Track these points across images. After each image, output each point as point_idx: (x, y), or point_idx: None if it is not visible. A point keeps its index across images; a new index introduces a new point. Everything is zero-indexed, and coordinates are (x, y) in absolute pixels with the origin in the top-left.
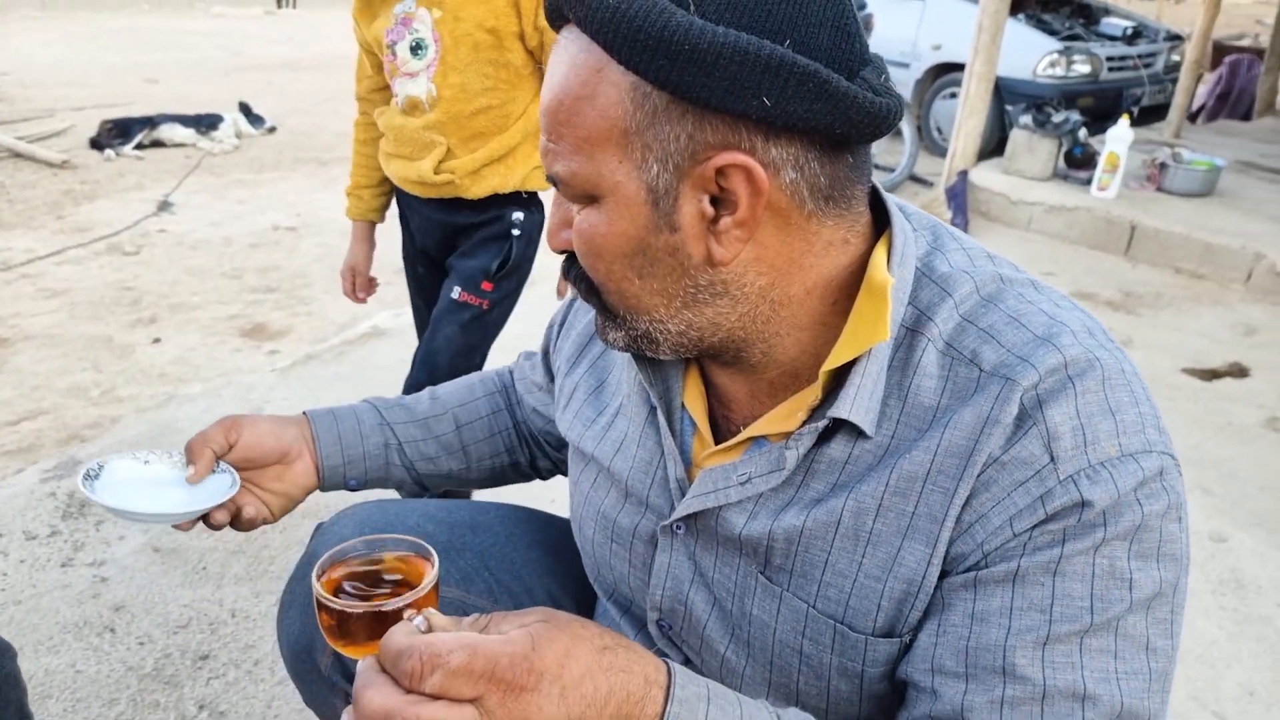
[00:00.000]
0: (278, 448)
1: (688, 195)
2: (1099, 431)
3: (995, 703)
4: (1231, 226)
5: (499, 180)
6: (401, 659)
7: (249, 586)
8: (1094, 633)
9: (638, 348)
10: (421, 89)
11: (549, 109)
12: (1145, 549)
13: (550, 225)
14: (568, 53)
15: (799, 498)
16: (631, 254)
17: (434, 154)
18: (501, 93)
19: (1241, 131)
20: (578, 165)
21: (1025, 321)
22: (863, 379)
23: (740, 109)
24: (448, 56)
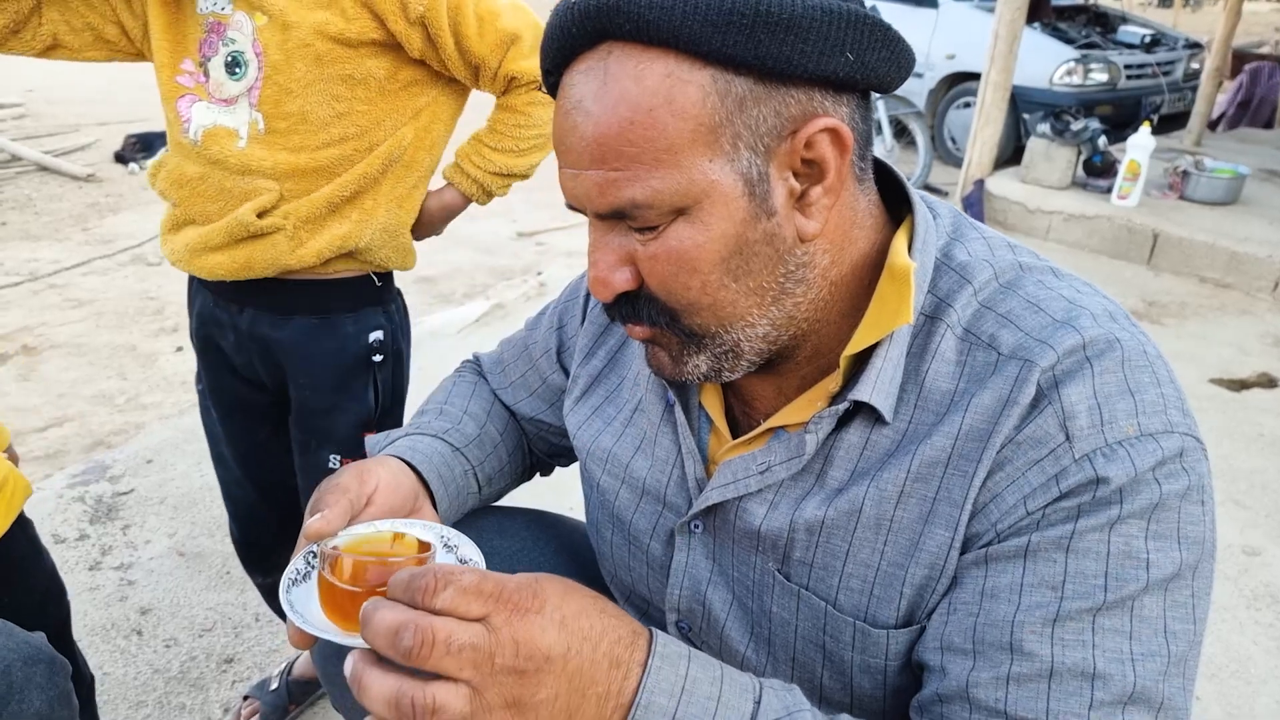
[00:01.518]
0: (411, 495)
1: (776, 176)
2: (1117, 411)
3: (1001, 679)
4: (1257, 235)
5: (346, 231)
6: (416, 578)
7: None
8: (1107, 611)
9: (719, 370)
10: (241, 119)
11: (609, 137)
12: (1163, 529)
13: (600, 273)
14: (613, 74)
15: (819, 486)
16: (729, 256)
17: (261, 200)
18: (360, 117)
19: (1264, 139)
20: (660, 181)
21: (1044, 306)
22: (884, 363)
23: (828, 70)
24: (277, 76)
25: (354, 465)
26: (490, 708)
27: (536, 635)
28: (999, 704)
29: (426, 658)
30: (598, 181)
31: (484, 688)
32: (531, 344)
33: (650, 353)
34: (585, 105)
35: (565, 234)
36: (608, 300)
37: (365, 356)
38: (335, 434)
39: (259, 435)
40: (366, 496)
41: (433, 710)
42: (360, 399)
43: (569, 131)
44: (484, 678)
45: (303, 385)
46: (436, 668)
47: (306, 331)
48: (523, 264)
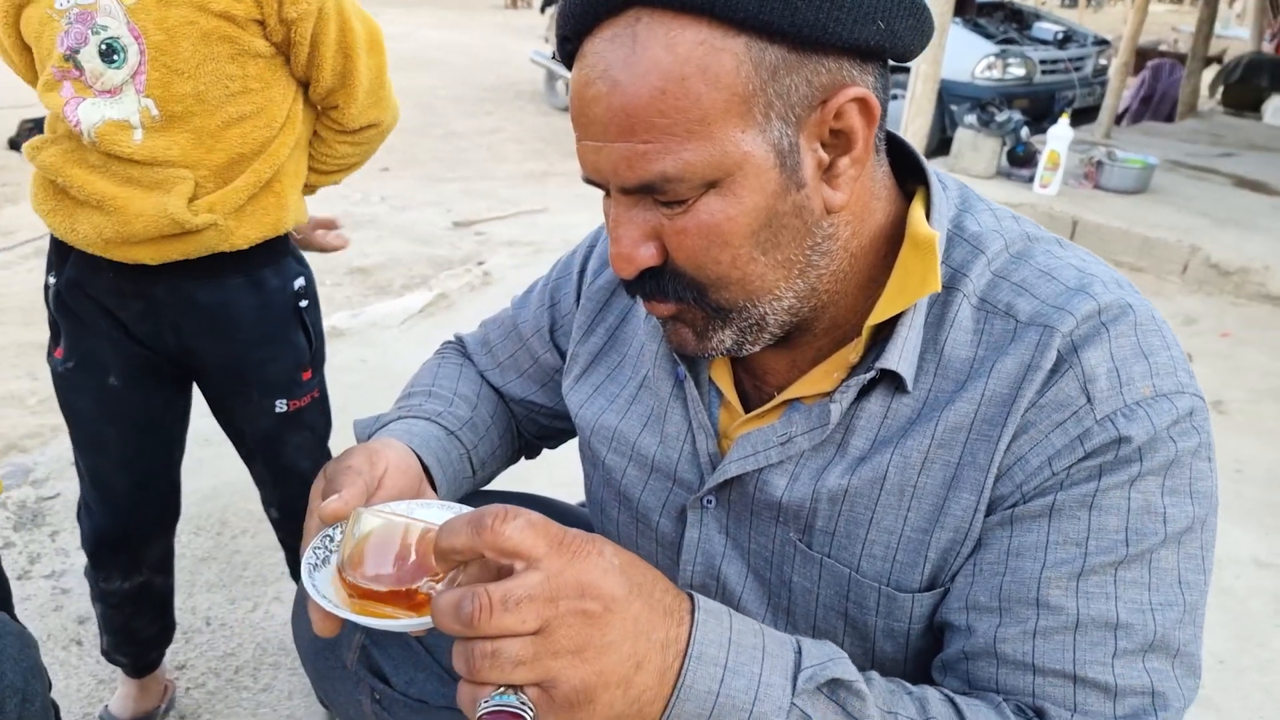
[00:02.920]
0: (416, 479)
1: (805, 146)
2: (1133, 373)
3: (1028, 633)
4: (1167, 221)
5: (274, 218)
6: (485, 513)
7: (223, 593)
8: (1128, 564)
9: (743, 344)
10: (129, 109)
11: (639, 108)
12: (1178, 484)
13: (624, 249)
14: (643, 41)
15: (840, 456)
16: (760, 228)
17: (180, 189)
18: (257, 95)
19: (1166, 132)
20: (693, 153)
21: (1057, 275)
22: (909, 331)
23: (859, 38)
24: (163, 58)
25: (362, 447)
26: (555, 653)
27: (599, 577)
28: (1027, 657)
29: (488, 620)
30: (625, 154)
31: (551, 631)
32: (521, 323)
33: (672, 329)
34: (612, 74)
35: (504, 224)
36: (630, 277)
37: (293, 304)
38: (276, 381)
39: (153, 406)
40: (378, 479)
41: (490, 654)
42: (294, 344)
43: (592, 101)
44: (550, 624)
45: (237, 342)
46: (500, 628)
47: (235, 291)
48: (462, 254)
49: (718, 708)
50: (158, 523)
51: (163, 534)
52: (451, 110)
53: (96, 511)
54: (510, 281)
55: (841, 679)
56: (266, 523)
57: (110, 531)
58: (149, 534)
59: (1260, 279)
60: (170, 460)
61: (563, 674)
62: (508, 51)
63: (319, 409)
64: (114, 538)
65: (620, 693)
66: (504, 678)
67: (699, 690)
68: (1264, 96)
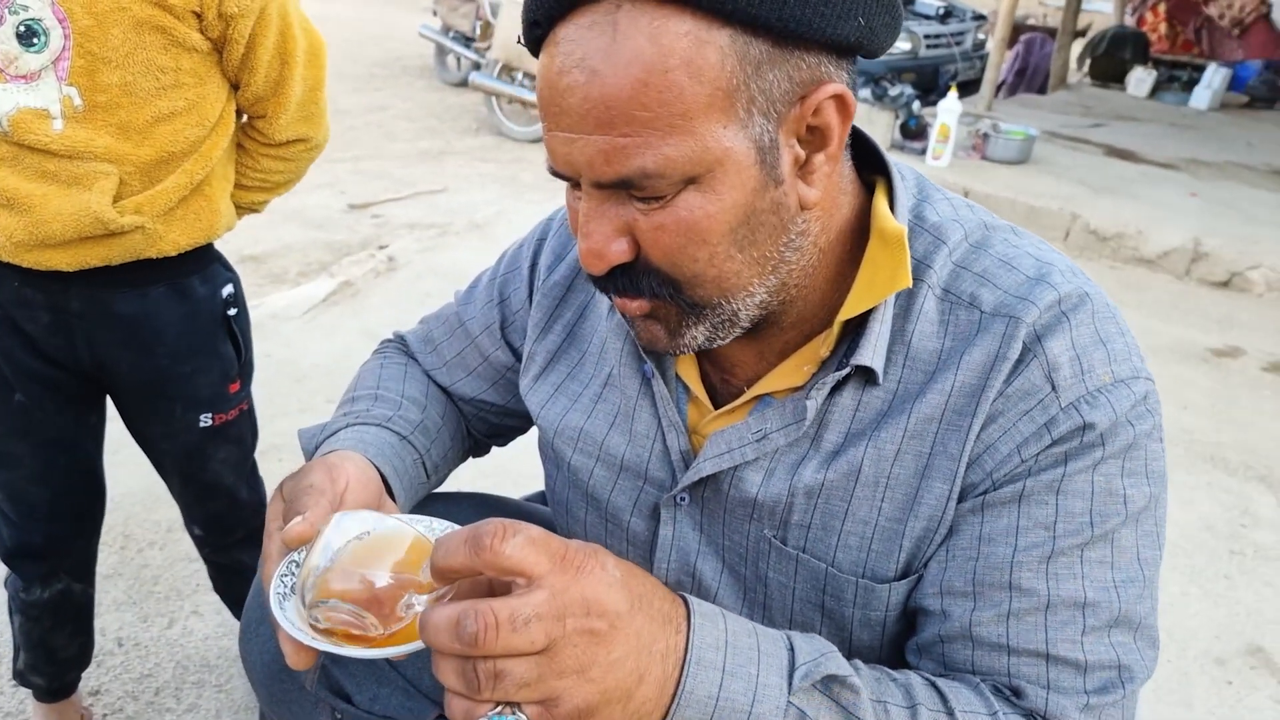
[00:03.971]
0: (377, 492)
1: (784, 142)
2: (1094, 360)
3: (1002, 616)
4: (1049, 190)
5: (206, 223)
6: (482, 526)
7: (133, 611)
8: (1093, 545)
9: (714, 339)
10: (49, 97)
11: (620, 100)
12: (1135, 467)
13: (595, 244)
14: (624, 30)
15: (814, 451)
16: (738, 225)
17: (103, 185)
18: (190, 90)
19: (1042, 104)
20: (674, 148)
21: (1016, 264)
22: (881, 326)
23: (840, 34)
24: (89, 44)
25: (319, 462)
26: (561, 673)
27: (603, 593)
28: (1001, 639)
29: (494, 641)
30: (603, 148)
31: (557, 651)
32: (468, 319)
33: (642, 327)
34: (590, 63)
35: (402, 205)
36: (600, 274)
37: (221, 313)
38: (201, 394)
39: (63, 424)
40: (340, 496)
41: (494, 675)
42: (222, 355)
43: (566, 92)
44: (557, 644)
45: (159, 356)
46: (507, 648)
47: (158, 301)
48: (360, 238)
49: (718, 711)
50: (79, 530)
51: (85, 540)
52: (336, 86)
53: (15, 522)
54: (418, 266)
55: (836, 674)
56: (175, 533)
57: (29, 540)
58: (70, 541)
59: (1135, 243)
60: (90, 468)
61: (567, 693)
62: (392, 25)
63: (247, 421)
64: (34, 546)
65: (620, 707)
66: (507, 697)
67: (699, 696)
68: (1127, 68)
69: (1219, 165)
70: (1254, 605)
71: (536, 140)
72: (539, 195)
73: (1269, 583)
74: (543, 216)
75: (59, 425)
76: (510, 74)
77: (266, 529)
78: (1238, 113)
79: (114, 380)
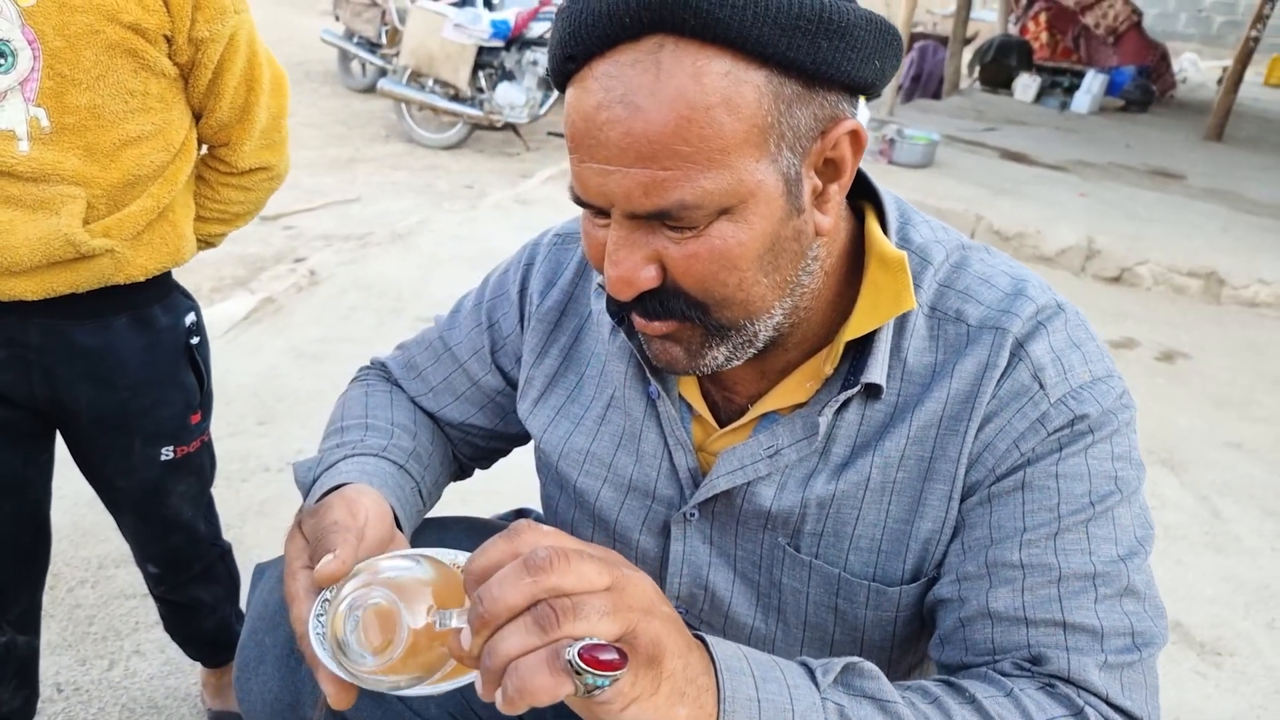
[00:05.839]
0: (391, 524)
1: (805, 174)
2: (1072, 361)
3: (1017, 591)
4: (953, 193)
5: (172, 247)
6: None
7: (70, 654)
8: (1096, 521)
9: (732, 359)
10: (14, 118)
11: (663, 135)
12: (1122, 451)
13: (625, 272)
14: (668, 69)
15: (824, 463)
16: (764, 252)
17: (71, 209)
18: (157, 115)
19: (938, 109)
20: (711, 182)
21: (994, 281)
22: (884, 344)
23: (860, 75)
24: (59, 65)
25: (338, 498)
26: (631, 606)
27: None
28: (1018, 612)
29: (567, 566)
30: (642, 181)
31: (623, 589)
32: (454, 345)
33: (660, 348)
34: (634, 100)
35: (314, 216)
36: (629, 299)
37: (184, 342)
38: (163, 427)
39: (12, 465)
40: (362, 531)
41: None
42: (184, 386)
43: (606, 125)
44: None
45: (121, 388)
46: (579, 576)
47: (120, 332)
48: (275, 251)
49: (763, 713)
50: (25, 577)
51: (31, 589)
52: None
53: None
54: (340, 280)
55: (850, 663)
56: (106, 569)
57: None
58: (15, 591)
59: (1034, 242)
60: (37, 511)
61: (642, 626)
62: (290, 28)
63: (207, 452)
64: None
65: (681, 664)
66: (590, 629)
67: (741, 698)
68: (1014, 74)
69: (1103, 166)
70: (1168, 583)
71: (449, 147)
72: (458, 204)
73: (1179, 560)
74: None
75: (9, 465)
76: (420, 80)
77: (288, 568)
78: (1115, 116)
79: (70, 416)
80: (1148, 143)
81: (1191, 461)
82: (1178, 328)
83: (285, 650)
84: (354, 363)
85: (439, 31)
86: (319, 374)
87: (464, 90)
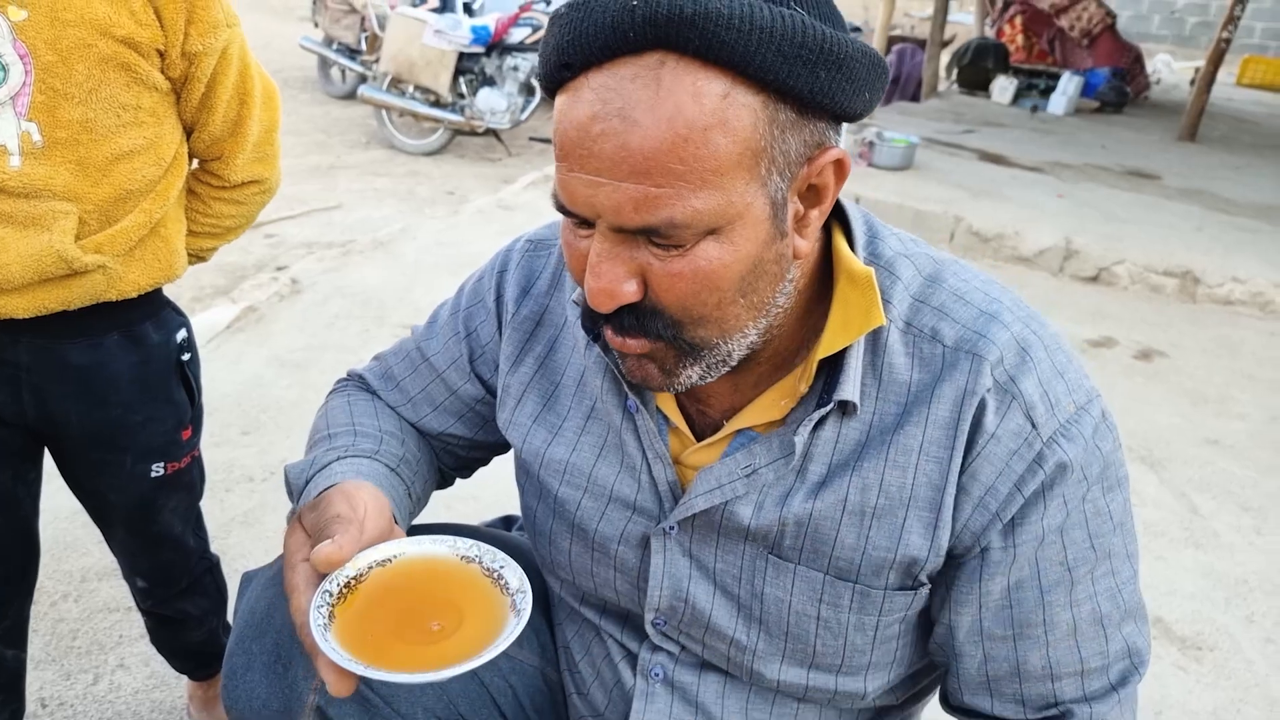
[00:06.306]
0: (389, 519)
1: (790, 198)
2: (1058, 393)
3: (1043, 649)
4: (932, 195)
5: (165, 263)
6: None
7: (54, 669)
8: (1098, 565)
9: (706, 377)
10: (6, 133)
11: (659, 152)
12: (1110, 482)
13: (607, 284)
14: (668, 87)
15: (800, 482)
16: (746, 274)
17: (64, 225)
18: (148, 129)
19: (917, 112)
20: (703, 201)
21: (968, 298)
22: (857, 361)
23: (851, 106)
24: (51, 80)
25: (338, 491)
26: None
27: None
28: (1046, 670)
29: None
30: (634, 196)
31: None
32: (431, 355)
33: (635, 365)
34: (631, 114)
35: (296, 223)
36: (608, 312)
37: (175, 359)
38: (154, 443)
39: (4, 478)
40: (362, 523)
41: None
42: (175, 401)
43: (601, 137)
44: None
45: (112, 406)
46: None
47: (112, 350)
48: (255, 259)
49: None
50: (15, 593)
51: (19, 604)
52: None
53: None
54: (323, 288)
55: None
56: (89, 583)
57: None
58: (4, 606)
59: (1013, 243)
60: (27, 528)
61: None
62: (269, 36)
63: (197, 467)
64: None
65: None
66: None
67: None
68: (991, 77)
69: (1079, 167)
70: (1149, 579)
71: (430, 153)
72: (439, 210)
73: (1160, 556)
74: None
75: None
76: (400, 87)
77: (288, 561)
78: (1091, 117)
79: (60, 433)
80: (1123, 144)
81: (1170, 459)
82: (1155, 326)
83: (272, 657)
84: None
85: (419, 38)
86: (302, 383)
87: (445, 96)
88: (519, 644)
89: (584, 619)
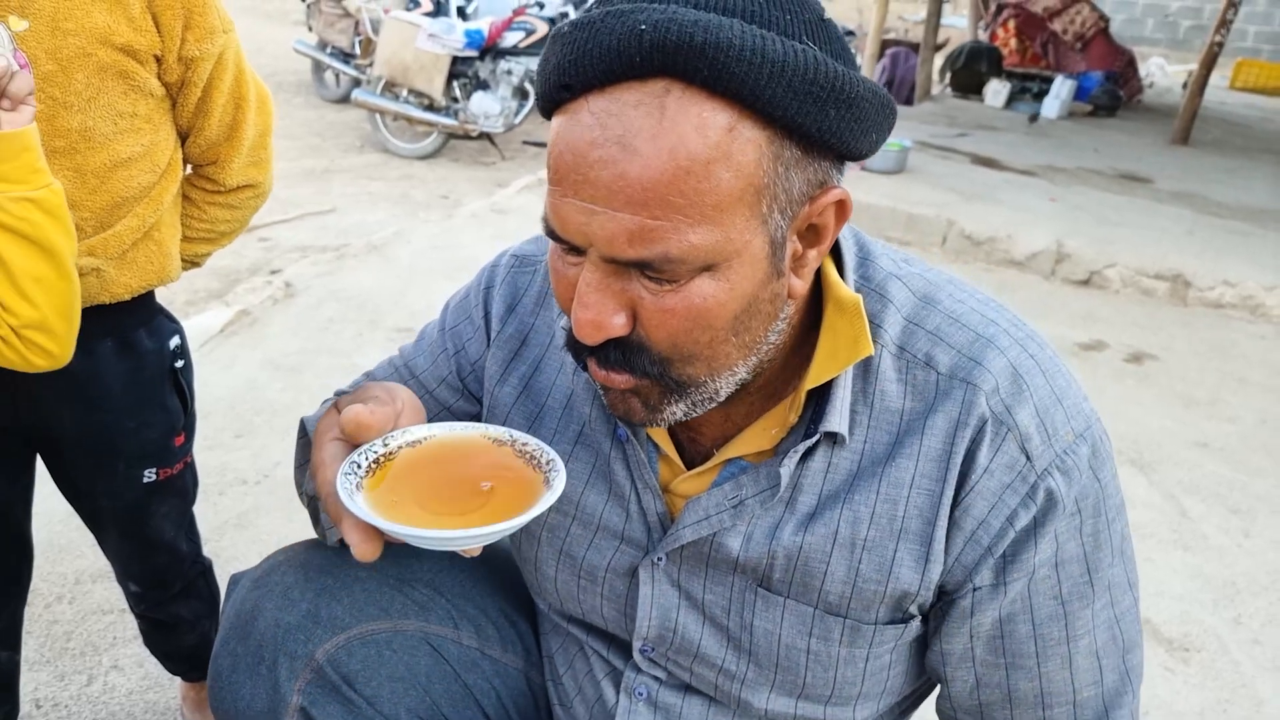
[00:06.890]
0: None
1: (790, 237)
2: (1056, 422)
3: (1035, 679)
4: (925, 198)
5: (158, 266)
6: None
7: (48, 670)
8: (1096, 596)
9: (691, 413)
10: None
11: (659, 184)
12: (1111, 512)
13: (594, 315)
14: (672, 116)
15: (790, 514)
16: (740, 313)
17: None
18: (145, 136)
19: (910, 115)
20: (701, 237)
21: (964, 321)
22: (844, 391)
23: (857, 147)
24: (51, 89)
25: (375, 384)
26: None
27: None
28: (1039, 699)
29: None
30: (629, 227)
31: None
32: (420, 373)
33: (619, 398)
34: (631, 143)
35: (290, 227)
36: (595, 344)
37: (169, 365)
38: (147, 449)
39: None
40: (398, 414)
41: None
42: (168, 408)
43: (599, 164)
44: None
45: (105, 412)
46: None
47: (105, 357)
48: (249, 263)
49: None
50: (9, 595)
51: (13, 606)
52: None
53: None
54: (317, 292)
55: None
56: (83, 585)
57: None
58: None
59: (1005, 246)
60: (20, 532)
61: None
62: (263, 39)
63: (190, 473)
64: None
65: None
66: None
67: None
68: (984, 80)
69: (1072, 171)
70: None
71: (424, 157)
72: (434, 214)
73: (1149, 558)
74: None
75: None
76: (394, 91)
77: (317, 441)
78: (1084, 120)
79: (53, 438)
80: (1116, 147)
81: (1160, 461)
82: (1146, 330)
83: (256, 658)
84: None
85: (413, 42)
86: (296, 386)
87: (438, 100)
88: (504, 647)
89: (569, 634)
